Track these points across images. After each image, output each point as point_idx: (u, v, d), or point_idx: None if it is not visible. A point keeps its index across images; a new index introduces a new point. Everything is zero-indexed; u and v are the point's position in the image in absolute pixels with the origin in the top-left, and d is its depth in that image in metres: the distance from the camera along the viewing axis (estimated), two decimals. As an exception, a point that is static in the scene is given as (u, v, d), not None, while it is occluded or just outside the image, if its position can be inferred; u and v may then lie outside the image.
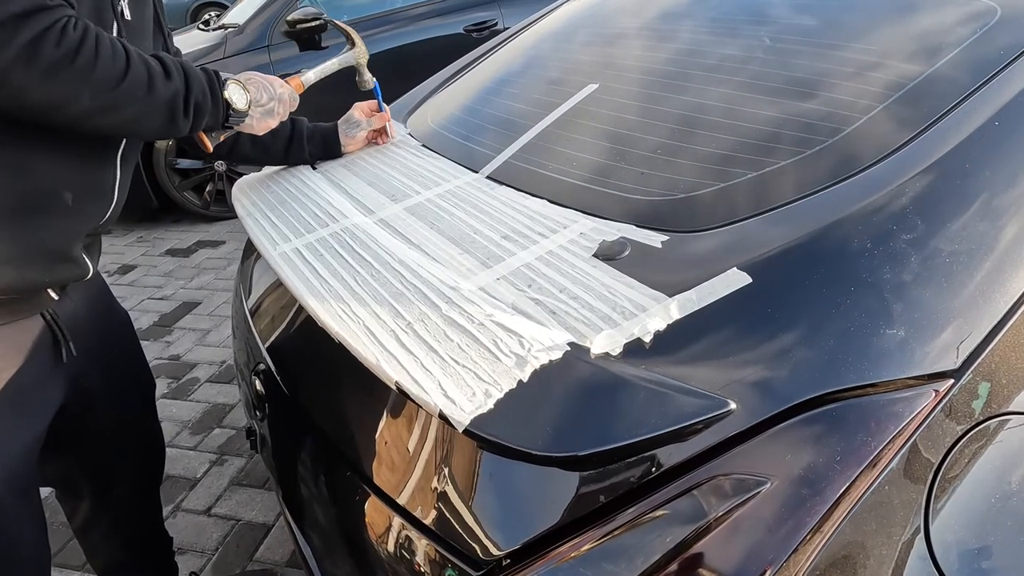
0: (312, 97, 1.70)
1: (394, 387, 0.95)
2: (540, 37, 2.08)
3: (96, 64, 1.10)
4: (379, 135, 1.79)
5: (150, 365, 1.75)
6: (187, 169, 4.79)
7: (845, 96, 1.27)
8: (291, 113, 1.67)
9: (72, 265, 1.31)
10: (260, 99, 1.44)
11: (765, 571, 0.81)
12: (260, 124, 1.46)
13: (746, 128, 1.29)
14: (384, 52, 4.92)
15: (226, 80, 1.37)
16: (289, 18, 4.74)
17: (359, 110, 1.76)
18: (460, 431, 0.87)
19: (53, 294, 1.33)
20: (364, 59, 1.76)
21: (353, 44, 1.76)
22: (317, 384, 1.37)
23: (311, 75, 1.67)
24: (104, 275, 4.33)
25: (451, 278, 1.13)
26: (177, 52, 1.57)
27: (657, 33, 1.78)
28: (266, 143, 1.66)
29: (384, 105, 1.78)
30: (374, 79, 1.78)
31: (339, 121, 1.75)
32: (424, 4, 5.12)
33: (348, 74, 1.78)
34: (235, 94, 1.37)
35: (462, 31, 5.06)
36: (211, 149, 1.43)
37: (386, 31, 4.98)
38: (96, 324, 1.51)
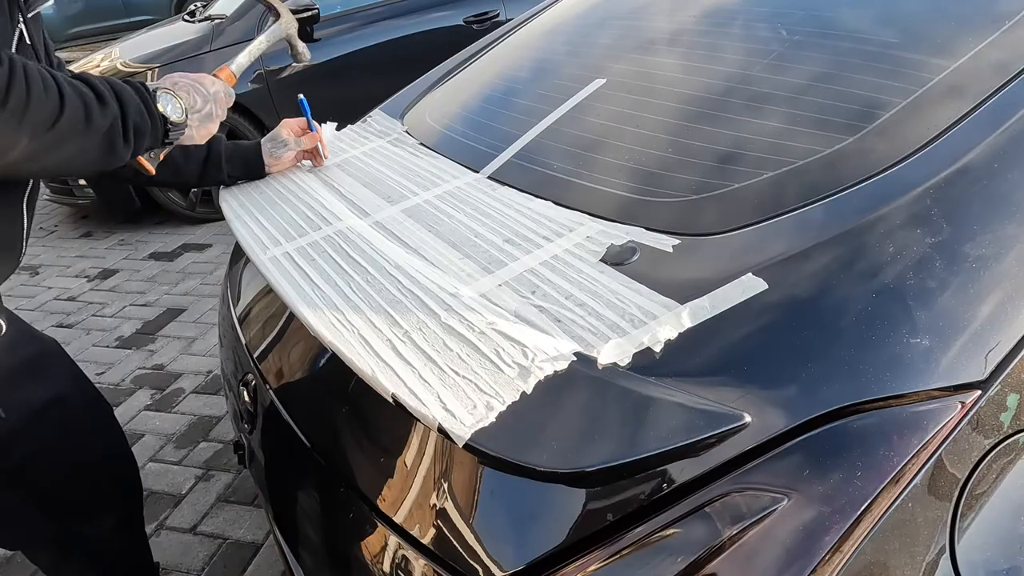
0: (310, 90, 1.70)
1: (390, 399, 0.96)
2: (544, 29, 2.08)
3: (29, 101, 1.01)
4: (312, 156, 1.72)
5: (133, 375, 1.76)
6: (172, 168, 4.79)
7: (867, 92, 1.27)
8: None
9: None
10: (194, 104, 1.35)
11: (782, 593, 0.81)
12: (201, 132, 1.38)
13: (762, 126, 1.29)
14: (380, 45, 4.94)
15: (155, 91, 1.29)
16: (280, 9, 4.75)
17: (287, 128, 1.70)
18: (460, 446, 0.87)
19: None
20: (294, 29, 1.71)
21: (278, 15, 1.71)
22: (309, 396, 1.37)
23: (242, 59, 1.60)
24: (84, 280, 4.36)
25: (451, 284, 1.14)
26: (60, 65, 1.45)
27: (668, 24, 1.78)
28: (178, 165, 1.57)
29: (315, 124, 1.72)
30: (302, 96, 1.73)
31: (263, 139, 1.70)
32: (422, -7, 5.14)
33: (346, 67, 1.79)
34: (169, 104, 1.30)
35: (462, 22, 5.07)
36: (153, 171, 1.35)
37: (382, 23, 4.99)
38: (22, 374, 1.45)
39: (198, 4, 5.64)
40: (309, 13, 4.72)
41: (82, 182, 4.76)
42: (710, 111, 1.39)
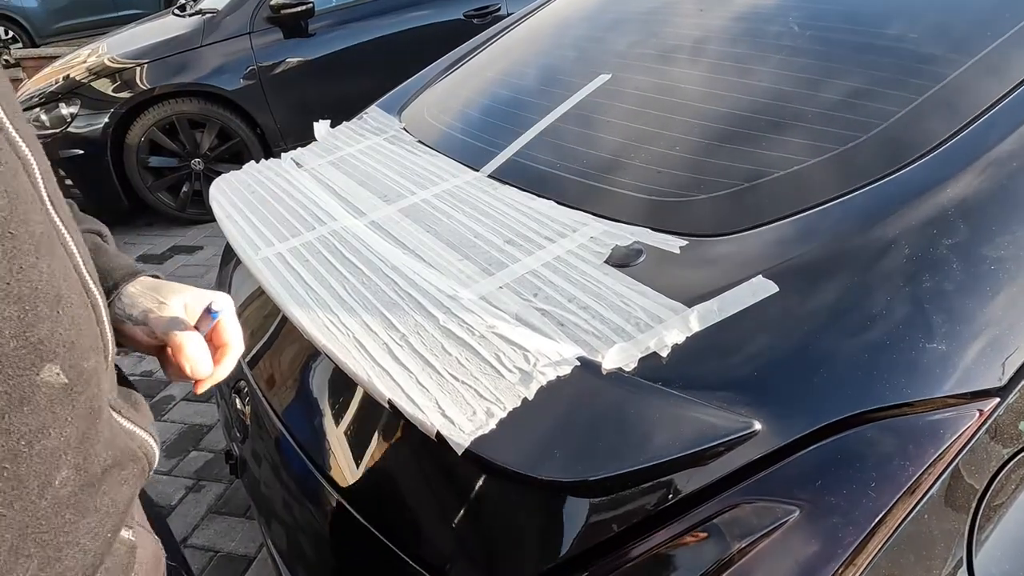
0: (304, 87, 1.70)
1: (387, 405, 0.96)
2: (547, 23, 2.09)
3: None
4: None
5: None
6: (161, 167, 4.80)
7: (882, 88, 1.27)
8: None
9: None
10: None
11: (793, 608, 0.81)
12: None
13: (773, 123, 1.29)
14: (377, 40, 4.94)
15: None
16: (273, 2, 4.77)
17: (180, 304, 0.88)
18: (459, 454, 0.87)
19: None
20: None
21: None
22: (302, 403, 1.37)
23: None
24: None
25: (449, 286, 1.14)
26: None
27: (675, 17, 1.79)
28: None
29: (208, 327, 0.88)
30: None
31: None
32: (421, -14, 5.14)
33: (342, 63, 1.75)
34: None
35: (462, 16, 5.08)
36: None
37: (379, 17, 5.00)
38: None
39: (188, -2, 5.65)
40: (303, 7, 4.74)
41: (68, 181, 4.76)
42: (720, 107, 1.39)
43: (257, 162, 1.77)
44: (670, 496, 0.86)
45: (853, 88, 1.30)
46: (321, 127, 1.89)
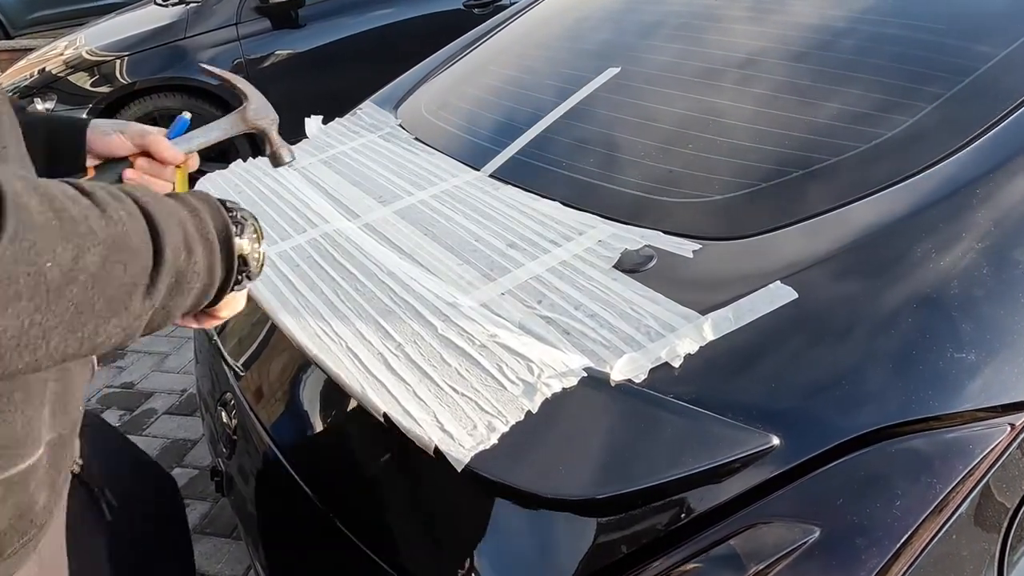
0: (295, 81, 1.69)
1: (382, 419, 0.96)
2: (552, 13, 2.09)
3: None
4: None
5: (99, 394, 1.74)
6: (143, 166, 4.80)
7: (907, 83, 1.28)
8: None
9: None
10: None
11: (813, 634, 0.81)
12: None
13: (792, 120, 1.30)
14: (372, 31, 4.95)
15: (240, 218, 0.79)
16: (262, -9, 4.78)
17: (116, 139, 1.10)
18: (459, 470, 0.87)
19: None
20: (269, 124, 1.23)
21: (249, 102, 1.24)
22: (292, 416, 1.37)
23: (196, 144, 1.19)
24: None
25: (448, 292, 1.14)
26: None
27: (688, 7, 1.79)
28: None
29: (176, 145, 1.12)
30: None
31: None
32: (419, -25, 5.15)
33: (335, 55, 1.72)
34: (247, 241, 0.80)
35: (462, 6, 5.09)
36: None
37: (374, 6, 5.00)
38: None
39: (172, -14, 5.66)
40: (295, -4, 4.75)
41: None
42: (735, 103, 1.39)
43: (244, 161, 1.78)
44: (682, 515, 0.86)
45: (878, 83, 1.30)
46: (312, 123, 1.89)
